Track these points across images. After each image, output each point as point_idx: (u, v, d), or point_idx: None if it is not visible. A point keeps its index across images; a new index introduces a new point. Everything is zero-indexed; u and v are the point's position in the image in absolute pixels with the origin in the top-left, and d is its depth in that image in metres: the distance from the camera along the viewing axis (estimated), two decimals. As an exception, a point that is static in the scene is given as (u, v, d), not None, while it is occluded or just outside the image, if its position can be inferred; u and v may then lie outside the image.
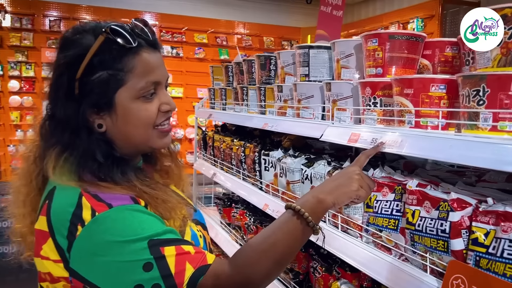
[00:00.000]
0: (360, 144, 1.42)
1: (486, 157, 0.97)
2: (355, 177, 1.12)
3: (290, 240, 0.99)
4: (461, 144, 1.06)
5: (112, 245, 0.87)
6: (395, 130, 1.32)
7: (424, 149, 1.16)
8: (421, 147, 1.18)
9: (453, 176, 1.46)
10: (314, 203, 1.05)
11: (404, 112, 1.31)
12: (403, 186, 1.34)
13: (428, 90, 1.25)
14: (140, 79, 0.99)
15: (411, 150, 1.20)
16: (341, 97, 1.71)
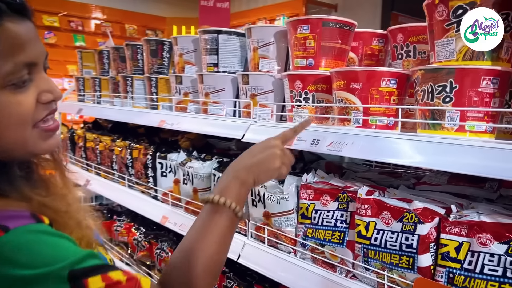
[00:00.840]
0: (297, 146, 1.22)
1: (473, 163, 0.85)
2: (277, 152, 0.96)
3: (223, 241, 0.85)
4: (436, 148, 0.92)
5: (16, 283, 0.63)
6: (340, 129, 1.15)
7: (384, 152, 1.01)
8: (379, 150, 1.03)
9: (388, 178, 1.36)
10: (237, 188, 0.91)
11: (349, 109, 1.15)
12: (348, 194, 1.18)
13: (379, 84, 1.11)
14: (4, 60, 0.67)
15: (367, 153, 1.04)
16: (261, 91, 1.49)
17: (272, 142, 0.98)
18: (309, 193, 1.27)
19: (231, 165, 0.95)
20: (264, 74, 1.49)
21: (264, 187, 1.35)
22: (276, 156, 0.95)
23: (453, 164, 0.89)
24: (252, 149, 0.98)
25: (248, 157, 0.97)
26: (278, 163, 0.95)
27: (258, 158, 0.95)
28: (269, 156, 0.95)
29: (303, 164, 1.55)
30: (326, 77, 1.29)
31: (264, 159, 0.94)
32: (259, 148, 0.97)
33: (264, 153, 0.95)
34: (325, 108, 1.31)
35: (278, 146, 0.97)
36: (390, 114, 1.13)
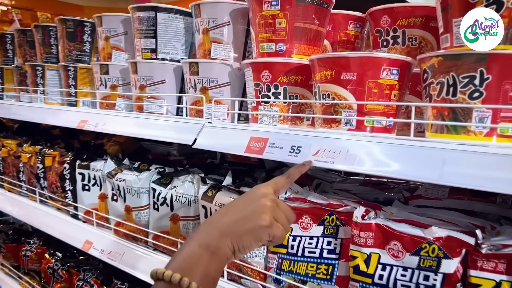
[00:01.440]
0: (272, 156, 0.94)
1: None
2: (267, 204, 0.72)
3: None
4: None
5: None
6: (330, 133, 0.88)
7: (415, 169, 0.75)
8: (388, 161, 0.78)
9: (373, 190, 1.13)
10: (205, 261, 0.66)
11: (339, 107, 0.89)
12: (338, 216, 0.92)
13: (378, 75, 0.86)
14: None
15: (373, 166, 0.79)
16: (214, 84, 1.18)
17: (261, 190, 0.74)
18: (284, 214, 0.99)
19: (205, 224, 0.72)
20: (219, 62, 1.18)
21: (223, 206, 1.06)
22: (265, 209, 0.70)
23: (493, 181, 0.66)
24: (233, 203, 0.74)
25: (224, 213, 0.71)
26: (268, 219, 0.70)
27: (239, 215, 0.70)
28: (255, 210, 0.70)
29: (266, 174, 1.27)
30: (301, 66, 1.02)
31: (247, 215, 0.70)
32: (242, 201, 0.73)
33: (248, 207, 0.71)
34: (298, 106, 1.05)
35: (268, 196, 0.72)
36: (389, 113, 0.89)
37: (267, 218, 0.69)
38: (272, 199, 0.73)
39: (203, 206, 1.12)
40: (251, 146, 0.97)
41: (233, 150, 1.01)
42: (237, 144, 1.00)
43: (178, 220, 1.21)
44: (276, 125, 1.04)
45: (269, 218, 0.69)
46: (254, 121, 1.09)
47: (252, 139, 0.99)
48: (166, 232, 1.24)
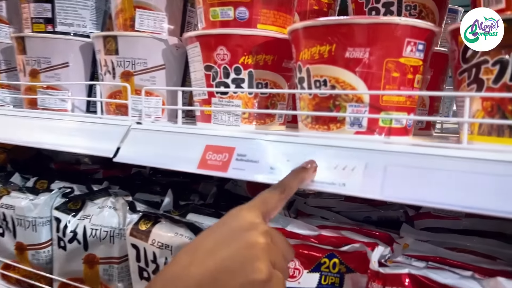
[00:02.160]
0: (239, 173, 0.62)
1: None
2: (259, 242, 0.44)
3: None
4: None
5: None
6: (333, 139, 0.59)
7: (479, 199, 0.48)
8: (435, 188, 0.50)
9: (361, 207, 0.86)
10: None
11: (342, 100, 0.60)
12: (342, 257, 0.64)
13: (401, 52, 0.58)
14: None
15: (408, 193, 0.51)
16: (143, 67, 0.83)
17: (245, 218, 0.46)
18: (257, 254, 0.69)
19: (156, 281, 0.43)
20: (148, 36, 0.83)
21: (166, 247, 0.72)
22: (257, 253, 0.43)
23: None
24: (203, 240, 0.45)
25: (192, 260, 0.43)
26: (265, 270, 0.43)
27: (218, 264, 0.43)
28: (242, 255, 0.43)
29: (217, 188, 0.95)
30: (273, 42, 0.72)
31: (232, 264, 0.43)
32: (218, 236, 0.45)
33: (230, 249, 0.44)
34: (269, 98, 0.74)
35: (257, 227, 0.45)
36: (411, 107, 0.62)
37: (263, 268, 0.42)
38: (264, 232, 0.45)
39: (133, 246, 0.77)
40: (207, 160, 0.65)
41: (178, 166, 0.67)
42: (185, 157, 0.67)
43: (95, 263, 0.84)
44: (238, 126, 0.73)
45: (266, 267, 0.43)
46: (204, 120, 0.76)
47: (209, 148, 0.66)
48: (79, 279, 0.87)
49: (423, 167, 0.51)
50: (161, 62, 0.84)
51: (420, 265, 0.61)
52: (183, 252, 0.44)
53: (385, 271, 0.56)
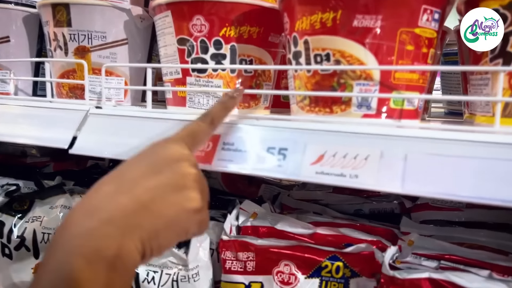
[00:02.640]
0: (226, 165, 0.52)
1: None
2: (191, 172, 0.41)
3: None
4: None
5: None
6: (344, 123, 0.50)
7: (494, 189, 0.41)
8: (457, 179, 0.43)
9: (352, 198, 0.78)
10: (101, 282, 0.32)
11: (347, 77, 0.51)
12: (346, 260, 0.55)
13: (416, 21, 0.50)
14: None
15: (426, 186, 0.43)
16: (101, 42, 0.70)
17: (172, 148, 0.42)
18: (246, 259, 0.59)
19: (73, 214, 0.35)
20: (107, 4, 0.70)
21: (134, 253, 0.61)
22: (189, 182, 0.40)
23: None
24: (125, 169, 0.39)
25: (117, 188, 0.37)
26: (198, 198, 0.40)
27: (152, 187, 0.38)
28: (176, 182, 0.39)
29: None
30: (259, 11, 0.62)
31: (166, 190, 0.39)
32: (144, 166, 0.39)
33: (162, 173, 0.39)
34: (254, 78, 0.64)
35: (188, 159, 0.42)
36: (423, 86, 0.54)
37: (197, 197, 0.40)
38: (195, 163, 0.42)
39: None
40: (186, 150, 0.54)
41: (151, 158, 0.56)
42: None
43: (49, 273, 0.72)
44: (218, 110, 0.62)
45: (199, 196, 0.40)
46: (177, 104, 0.65)
47: (188, 136, 0.55)
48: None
49: (451, 155, 0.43)
50: (123, 36, 0.71)
51: (431, 265, 0.54)
52: (105, 181, 0.38)
53: (402, 275, 0.49)
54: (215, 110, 0.50)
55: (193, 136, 0.45)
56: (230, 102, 0.52)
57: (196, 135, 0.46)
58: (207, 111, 0.49)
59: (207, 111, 0.49)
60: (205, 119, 0.48)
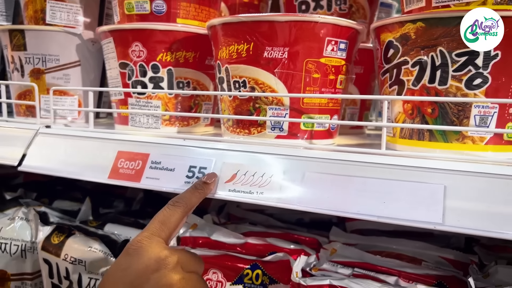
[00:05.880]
0: (153, 183, 0.57)
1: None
2: (173, 280, 0.42)
3: None
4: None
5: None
6: (264, 144, 0.55)
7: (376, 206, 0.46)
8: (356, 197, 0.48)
9: (293, 210, 0.83)
10: None
11: (262, 102, 0.56)
12: (265, 268, 0.60)
13: (321, 52, 0.55)
14: None
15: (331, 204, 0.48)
16: (55, 65, 0.76)
17: (150, 252, 0.43)
18: (179, 267, 0.64)
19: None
20: (60, 30, 0.76)
21: (79, 262, 0.66)
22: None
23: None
24: (114, 284, 0.42)
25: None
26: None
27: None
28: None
29: (144, 200, 0.89)
30: (194, 37, 0.67)
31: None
32: (129, 279, 0.41)
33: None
34: (192, 99, 0.69)
35: (167, 264, 0.42)
36: (334, 109, 0.59)
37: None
38: (174, 266, 0.42)
39: (45, 261, 0.70)
40: (119, 168, 0.59)
41: (88, 176, 0.61)
42: (96, 165, 0.61)
43: (7, 280, 0.77)
44: (158, 128, 0.68)
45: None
46: (121, 123, 0.70)
47: (121, 155, 0.60)
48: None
49: (341, 174, 0.49)
50: (76, 58, 0.77)
51: (346, 272, 0.59)
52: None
53: (306, 283, 0.54)
54: (187, 194, 0.49)
55: (166, 224, 0.45)
56: (203, 186, 0.51)
57: (169, 221, 0.46)
58: (179, 196, 0.49)
59: (179, 196, 0.49)
60: (177, 205, 0.47)
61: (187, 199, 0.48)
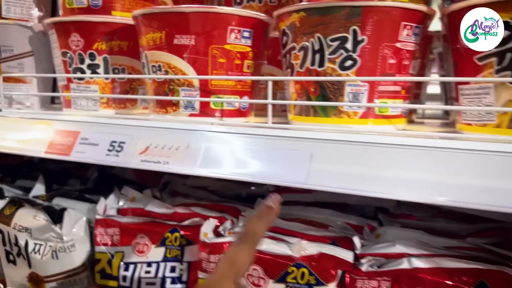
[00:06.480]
0: (80, 156, 0.65)
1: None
2: None
3: None
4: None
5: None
6: (163, 121, 0.63)
7: (276, 170, 0.54)
8: (245, 159, 0.55)
9: (234, 185, 0.91)
10: None
11: (175, 84, 0.64)
12: (183, 231, 0.68)
13: (225, 39, 0.62)
14: None
15: (224, 166, 0.56)
16: (9, 54, 0.84)
17: None
18: (113, 233, 0.72)
19: None
20: (12, 23, 0.83)
21: (25, 230, 0.74)
22: None
23: (398, 184, 0.48)
24: None
25: None
26: None
27: None
28: None
29: (98, 179, 0.97)
30: (128, 28, 0.74)
31: None
32: None
33: None
34: (128, 83, 0.77)
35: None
36: (243, 91, 0.67)
37: None
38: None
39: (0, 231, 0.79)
40: (54, 144, 0.67)
41: (29, 151, 0.69)
42: (36, 142, 0.69)
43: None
44: (97, 111, 0.75)
45: None
46: (67, 106, 0.78)
47: (57, 133, 0.68)
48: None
49: (234, 145, 0.56)
50: (29, 48, 0.84)
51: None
52: None
53: (211, 241, 0.61)
54: (252, 227, 0.45)
55: (234, 264, 0.43)
56: (268, 214, 0.46)
57: (237, 261, 0.43)
58: (245, 230, 0.45)
59: (245, 230, 0.45)
60: (245, 242, 0.44)
61: (252, 233, 0.45)
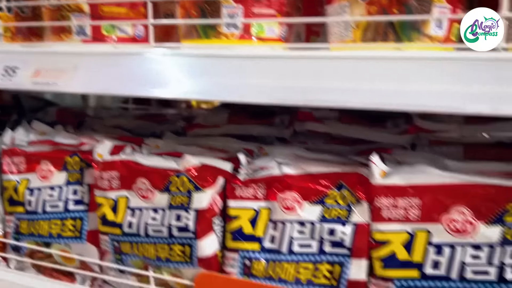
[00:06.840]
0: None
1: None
2: None
3: None
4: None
5: None
6: (53, 48, 0.65)
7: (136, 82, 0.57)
8: (129, 77, 0.59)
9: (149, 123, 0.95)
10: None
11: (66, 10, 0.66)
12: (82, 155, 0.72)
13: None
14: None
15: (102, 84, 0.59)
16: None
17: None
18: (18, 162, 0.75)
19: None
20: None
21: None
22: None
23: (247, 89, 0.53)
24: None
25: None
26: None
27: None
28: None
29: (18, 114, 0.99)
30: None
31: None
32: None
33: None
34: (34, 18, 0.78)
35: None
36: (136, 18, 0.69)
37: None
38: None
39: None
40: None
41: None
42: None
43: None
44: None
45: None
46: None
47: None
48: None
49: (115, 64, 0.60)
50: None
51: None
52: None
53: (103, 160, 0.65)
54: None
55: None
56: None
57: None
58: None
59: None
60: None
61: None
